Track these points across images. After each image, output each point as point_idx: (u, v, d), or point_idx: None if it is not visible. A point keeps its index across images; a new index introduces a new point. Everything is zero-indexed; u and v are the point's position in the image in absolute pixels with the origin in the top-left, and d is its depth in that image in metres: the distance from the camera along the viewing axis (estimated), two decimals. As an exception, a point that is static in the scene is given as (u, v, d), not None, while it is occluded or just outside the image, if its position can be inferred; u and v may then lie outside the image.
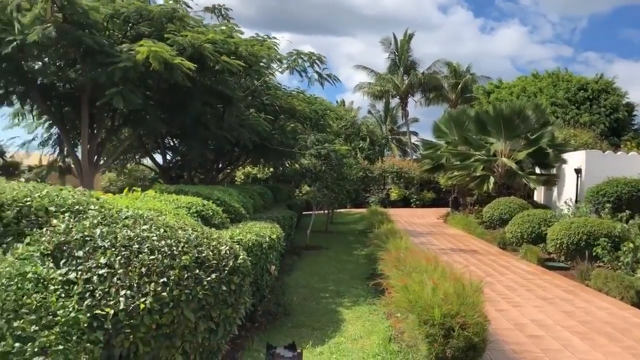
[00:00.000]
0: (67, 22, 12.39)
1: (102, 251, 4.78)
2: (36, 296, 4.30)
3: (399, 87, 59.49)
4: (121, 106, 12.62)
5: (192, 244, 5.11)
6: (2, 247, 4.81)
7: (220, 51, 14.66)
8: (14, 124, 20.92)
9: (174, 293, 4.63)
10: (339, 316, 10.27)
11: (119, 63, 12.37)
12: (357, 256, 18.39)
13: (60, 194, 5.58)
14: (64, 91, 16.28)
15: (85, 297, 4.48)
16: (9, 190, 5.21)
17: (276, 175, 35.86)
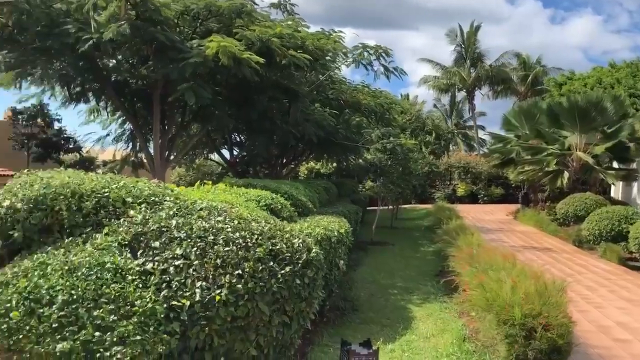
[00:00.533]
0: (140, 19, 12.72)
1: (178, 242, 4.78)
2: (114, 286, 4.34)
3: (465, 80, 57.99)
4: (192, 101, 12.83)
5: (266, 236, 5.03)
6: (81, 237, 4.90)
7: (287, 45, 14.63)
8: (89, 120, 21.78)
9: (249, 285, 4.57)
10: (409, 313, 10.01)
11: (190, 59, 12.57)
12: (424, 252, 18.00)
13: (137, 185, 5.65)
14: (136, 88, 16.76)
15: (161, 288, 4.49)
16: (88, 182, 5.31)
17: (339, 170, 35.76)
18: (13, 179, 5.27)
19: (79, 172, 5.64)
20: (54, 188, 5.00)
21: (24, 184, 5.07)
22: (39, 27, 13.14)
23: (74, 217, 4.97)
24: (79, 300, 4.15)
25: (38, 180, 5.13)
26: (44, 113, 19.74)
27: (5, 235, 4.74)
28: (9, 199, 4.82)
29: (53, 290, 4.18)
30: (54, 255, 4.56)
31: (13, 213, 4.75)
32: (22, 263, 4.49)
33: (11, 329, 3.94)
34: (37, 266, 4.40)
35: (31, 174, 5.34)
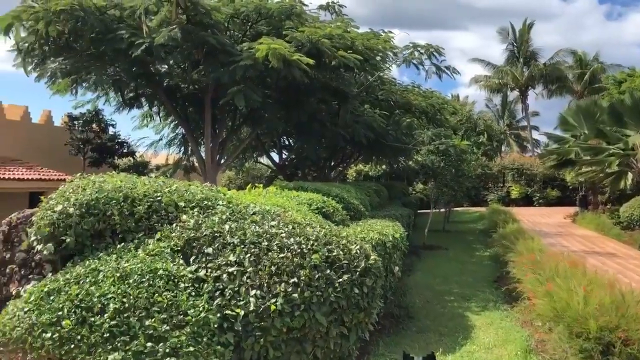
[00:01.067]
0: (191, 23, 12.75)
1: (231, 248, 4.59)
2: (167, 294, 4.17)
3: (518, 79, 56.35)
4: (242, 104, 12.77)
5: (322, 242, 4.78)
6: (133, 242, 4.77)
7: (337, 46, 14.40)
8: (142, 125, 22.17)
9: (305, 295, 4.32)
10: (468, 322, 9.56)
11: (240, 62, 12.51)
12: (480, 257, 17.38)
13: (189, 189, 5.51)
14: (188, 92, 16.88)
15: (215, 296, 4.30)
16: (140, 185, 5.19)
17: (388, 172, 35.30)
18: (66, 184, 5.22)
19: (131, 176, 5.54)
20: (106, 192, 4.90)
21: (76, 189, 5.00)
22: (93, 33, 13.36)
23: (126, 222, 4.86)
24: (130, 308, 4.01)
25: (90, 184, 5.05)
26: (99, 118, 20.20)
27: (57, 240, 4.66)
28: (61, 203, 4.75)
29: (105, 298, 4.05)
30: (106, 262, 4.44)
31: (65, 218, 4.67)
32: (74, 269, 4.39)
33: (62, 338, 3.83)
34: (89, 273, 4.29)
35: (83, 178, 5.27)
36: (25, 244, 4.73)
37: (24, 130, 18.69)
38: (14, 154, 17.97)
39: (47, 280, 4.30)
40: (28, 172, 16.57)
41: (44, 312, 3.96)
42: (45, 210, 4.76)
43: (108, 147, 20.16)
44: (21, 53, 14.91)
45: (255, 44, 13.04)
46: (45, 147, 19.06)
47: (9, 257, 4.86)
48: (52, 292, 4.12)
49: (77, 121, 19.87)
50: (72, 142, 19.43)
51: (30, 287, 4.54)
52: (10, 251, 4.89)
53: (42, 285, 4.23)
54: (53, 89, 16.23)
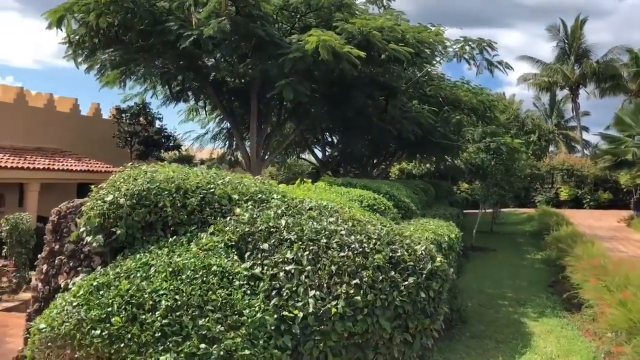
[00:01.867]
0: (240, 15, 12.56)
1: (288, 245, 4.29)
2: (221, 292, 3.91)
3: (568, 77, 54.45)
4: (290, 97, 12.49)
5: (384, 241, 4.43)
6: (186, 235, 4.53)
7: (387, 39, 13.97)
8: (188, 119, 22.24)
9: (368, 298, 3.98)
10: (525, 328, 9.04)
11: (289, 54, 12.24)
12: (531, 260, 16.68)
13: (242, 181, 5.24)
14: (234, 86, 16.75)
15: (271, 296, 4.01)
16: (192, 176, 4.96)
17: (431, 171, 34.59)
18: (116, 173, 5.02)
19: (183, 166, 5.31)
20: (158, 183, 4.68)
21: (127, 178, 4.80)
22: (143, 25, 13.32)
23: (178, 214, 4.62)
24: (183, 306, 3.75)
25: (142, 174, 4.84)
26: (146, 112, 20.31)
27: (107, 231, 4.46)
28: (112, 193, 4.55)
29: (156, 294, 3.81)
30: (158, 256, 4.21)
31: (116, 208, 4.46)
32: (125, 263, 4.18)
33: (112, 336, 3.60)
34: (139, 267, 4.07)
35: (134, 167, 5.07)
36: (75, 235, 4.55)
37: (73, 122, 18.95)
38: (63, 146, 18.24)
39: (96, 274, 4.09)
40: (77, 163, 16.76)
41: (93, 308, 3.75)
42: (95, 200, 4.57)
43: (154, 140, 20.26)
44: (72, 45, 15.04)
45: (304, 36, 12.75)
46: (93, 139, 19.28)
47: (58, 248, 4.70)
48: (102, 287, 3.91)
49: (125, 114, 20.02)
50: (120, 134, 19.59)
51: (79, 279, 4.35)
52: (59, 242, 4.73)
53: (91, 278, 4.03)
54: (102, 81, 16.35)
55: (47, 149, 17.45)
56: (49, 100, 18.31)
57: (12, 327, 8.05)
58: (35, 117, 17.46)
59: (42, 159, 15.55)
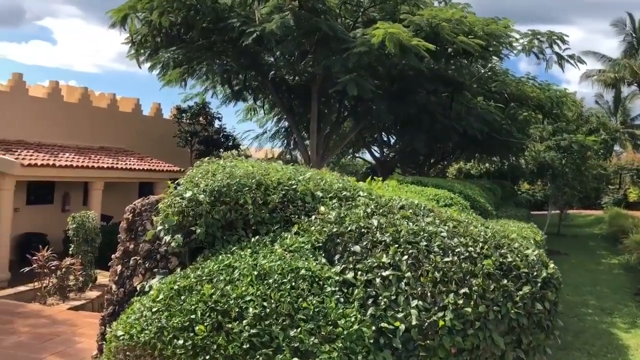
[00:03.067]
0: (303, 9, 12.24)
1: (382, 247, 3.85)
2: (312, 299, 3.50)
3: (636, 73, 51.75)
4: (354, 93, 12.06)
5: (492, 245, 3.93)
6: (268, 235, 4.16)
7: (455, 31, 13.34)
8: (246, 119, 22.17)
9: (480, 309, 3.49)
10: (618, 341, 8.30)
11: (354, 48, 11.82)
12: (608, 265, 15.67)
13: (324, 177, 4.84)
14: (294, 84, 16.49)
15: (367, 305, 3.57)
16: (272, 172, 4.59)
17: (490, 171, 33.44)
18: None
19: (260, 161, 4.95)
20: (237, 178, 4.33)
21: (205, 173, 4.47)
22: (205, 22, 13.21)
23: (260, 212, 4.26)
24: (272, 314, 3.37)
25: (220, 169, 4.50)
26: (206, 111, 20.32)
27: (186, 230, 4.14)
28: (190, 189, 4.22)
29: (242, 300, 3.44)
30: (241, 257, 3.85)
31: (195, 206, 4.13)
32: (206, 265, 3.83)
33: (196, 347, 3.25)
34: (222, 269, 3.71)
35: (212, 162, 4.74)
36: (151, 233, 4.25)
37: (135, 122, 19.14)
38: (125, 145, 18.43)
39: (176, 277, 3.76)
40: (139, 162, 16.87)
41: (175, 314, 3.41)
42: (173, 196, 4.26)
43: (214, 140, 20.22)
44: (134, 45, 15.15)
45: (369, 30, 12.31)
46: (154, 138, 19.43)
47: (133, 248, 4.42)
48: (183, 291, 3.57)
49: (185, 114, 20.07)
50: (180, 134, 19.65)
51: (155, 282, 4.05)
52: (134, 241, 4.45)
53: (171, 281, 3.70)
54: (164, 80, 16.40)
55: (111, 148, 17.66)
56: (112, 101, 18.55)
57: (81, 326, 7.96)
58: (98, 117, 17.71)
59: (106, 158, 15.70)
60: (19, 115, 14.94)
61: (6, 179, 12.31)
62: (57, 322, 8.10)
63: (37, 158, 13.20)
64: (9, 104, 14.62)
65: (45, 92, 16.23)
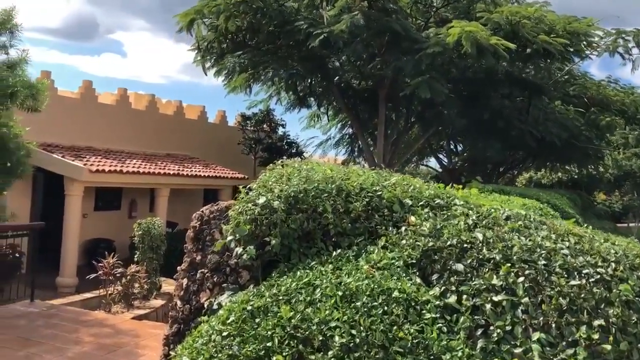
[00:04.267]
0: (373, 9, 11.72)
1: (491, 266, 3.22)
2: (409, 327, 2.92)
3: None
4: (427, 95, 11.41)
5: (626, 266, 3.23)
6: (351, 249, 3.61)
7: (535, 30, 12.46)
8: (309, 126, 21.86)
9: (621, 347, 2.81)
10: None
11: (427, 49, 11.19)
12: None
13: (411, 183, 4.26)
14: (359, 89, 15.99)
15: (475, 336, 2.95)
16: (354, 177, 4.05)
17: (563, 181, 31.71)
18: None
19: (337, 164, 4.43)
20: (315, 183, 3.82)
21: (279, 177, 3.98)
22: (271, 26, 12.93)
23: (341, 222, 3.72)
24: (362, 345, 2.81)
25: (295, 172, 4.01)
26: (270, 118, 20.12)
27: (259, 241, 3.65)
28: (264, 195, 3.74)
29: (326, 326, 2.90)
30: (322, 274, 3.32)
31: (269, 214, 3.64)
32: (282, 282, 3.33)
33: (275, 382, 2.74)
34: (301, 288, 3.20)
35: (286, 165, 4.26)
36: (220, 244, 3.79)
37: (200, 129, 19.16)
38: (191, 152, 18.46)
39: (248, 295, 3.28)
40: (204, 169, 16.80)
41: (248, 341, 2.92)
42: (245, 202, 3.79)
43: (277, 147, 19.99)
44: (200, 51, 15.11)
45: (442, 29, 11.65)
46: (219, 146, 19.39)
47: (200, 259, 3.98)
48: (258, 313, 3.08)
49: (250, 121, 19.95)
50: (245, 141, 19.52)
51: (224, 299, 3.58)
52: (202, 252, 4.01)
53: (242, 300, 3.22)
54: (229, 87, 16.30)
55: (177, 155, 17.70)
56: (178, 108, 18.64)
57: (144, 337, 7.68)
58: (165, 124, 17.79)
59: (172, 165, 15.68)
60: (89, 122, 15.14)
61: (75, 184, 12.40)
62: (120, 332, 7.87)
63: (104, 164, 13.25)
64: (79, 111, 14.84)
65: (113, 100, 16.43)
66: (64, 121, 14.23)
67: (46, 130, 12.85)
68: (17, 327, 7.63)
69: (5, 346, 6.77)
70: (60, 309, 8.86)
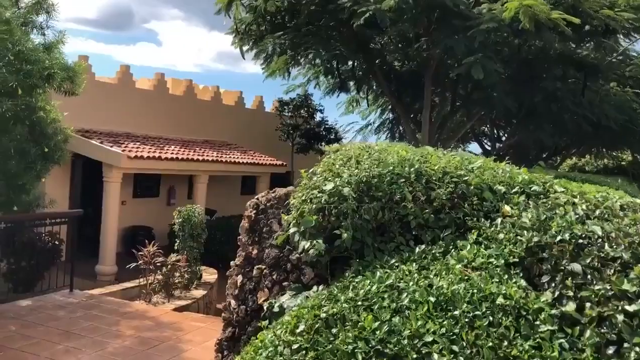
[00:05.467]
0: (423, -16, 11.02)
1: (618, 267, 2.63)
2: (522, 343, 2.36)
3: None
4: (480, 76, 10.67)
5: None
6: (437, 244, 3.06)
7: (596, 4, 11.56)
8: (347, 111, 21.21)
9: None
10: None
11: (480, 25, 10.43)
12: None
13: (498, 166, 3.67)
14: (404, 70, 15.29)
15: (604, 354, 2.38)
16: (434, 159, 3.48)
17: (608, 167, 30.37)
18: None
19: (409, 145, 3.87)
20: (390, 166, 3.27)
21: (346, 160, 3.44)
22: (313, 5, 12.35)
23: (422, 213, 3.17)
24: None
25: (365, 154, 3.46)
26: (308, 103, 19.55)
27: (327, 233, 3.13)
28: (331, 180, 3.21)
29: (420, 341, 2.37)
30: (405, 275, 2.78)
31: (338, 202, 3.11)
32: (359, 283, 2.80)
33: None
34: (384, 291, 2.66)
35: (353, 145, 3.71)
36: (282, 237, 3.28)
37: (238, 115, 18.76)
38: (228, 138, 18.09)
39: (320, 298, 2.76)
40: (243, 155, 16.41)
41: (324, 357, 2.41)
42: (309, 189, 3.26)
43: (315, 133, 19.44)
44: (238, 34, 14.65)
45: (496, 5, 10.86)
46: (256, 132, 18.97)
47: (257, 254, 3.49)
48: (333, 321, 2.56)
49: (287, 106, 19.43)
50: (282, 127, 19.03)
51: (286, 300, 3.08)
52: (258, 245, 3.52)
53: (314, 305, 2.71)
54: (267, 71, 15.80)
55: (214, 141, 17.35)
56: (215, 93, 18.26)
57: (187, 330, 7.30)
58: (202, 110, 17.44)
59: (210, 151, 15.31)
60: (126, 107, 14.87)
61: (113, 170, 12.13)
62: (162, 325, 7.51)
63: (143, 150, 12.95)
64: (116, 97, 14.57)
65: (151, 85, 16.13)
66: (102, 107, 13.98)
67: (84, 116, 12.60)
68: (57, 319, 7.34)
69: (45, 339, 6.48)
70: (100, 300, 8.57)
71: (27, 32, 8.43)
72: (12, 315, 7.34)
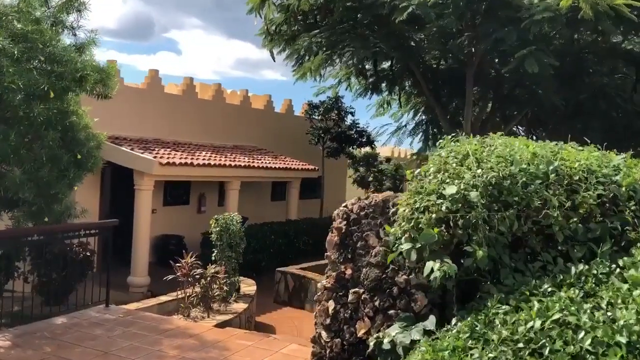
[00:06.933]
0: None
1: None
2: None
3: None
4: (535, 70, 9.94)
5: None
6: (595, 262, 2.40)
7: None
8: (378, 114, 20.52)
9: None
10: None
11: (535, 15, 9.71)
12: None
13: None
14: (444, 68, 14.60)
15: None
16: (571, 155, 2.82)
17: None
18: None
19: (530, 141, 3.20)
20: (524, 165, 2.62)
21: (463, 158, 2.80)
22: (349, 1, 11.77)
23: (568, 222, 2.51)
24: None
25: (485, 151, 2.81)
26: (339, 106, 18.89)
27: (450, 251, 2.49)
28: (452, 183, 2.56)
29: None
30: (569, 304, 2.12)
31: (464, 210, 2.47)
32: (507, 316, 2.15)
33: None
34: (549, 328, 2.01)
35: (466, 140, 3.06)
36: (392, 257, 2.64)
37: (267, 119, 18.21)
38: (258, 143, 17.55)
39: (461, 337, 2.12)
40: (274, 161, 15.85)
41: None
42: (421, 194, 2.62)
43: (347, 136, 18.77)
44: (269, 35, 14.15)
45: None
46: (286, 136, 18.40)
47: (351, 274, 2.86)
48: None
49: (317, 109, 18.79)
50: (312, 131, 18.40)
51: (397, 333, 2.44)
52: (352, 263, 2.89)
53: (456, 347, 2.06)
54: (298, 73, 15.22)
55: (244, 146, 16.82)
56: (244, 97, 17.74)
57: (234, 350, 6.69)
58: (231, 114, 16.93)
59: (241, 157, 14.77)
60: (156, 113, 14.40)
61: (145, 178, 11.63)
62: (206, 343, 6.91)
63: (174, 157, 12.44)
64: (145, 102, 14.11)
65: (179, 90, 15.66)
66: (131, 112, 13.52)
67: (113, 122, 12.12)
68: (94, 338, 6.79)
69: (82, 362, 5.93)
70: (138, 315, 8.01)
71: (58, 32, 7.96)
72: (47, 335, 6.81)
